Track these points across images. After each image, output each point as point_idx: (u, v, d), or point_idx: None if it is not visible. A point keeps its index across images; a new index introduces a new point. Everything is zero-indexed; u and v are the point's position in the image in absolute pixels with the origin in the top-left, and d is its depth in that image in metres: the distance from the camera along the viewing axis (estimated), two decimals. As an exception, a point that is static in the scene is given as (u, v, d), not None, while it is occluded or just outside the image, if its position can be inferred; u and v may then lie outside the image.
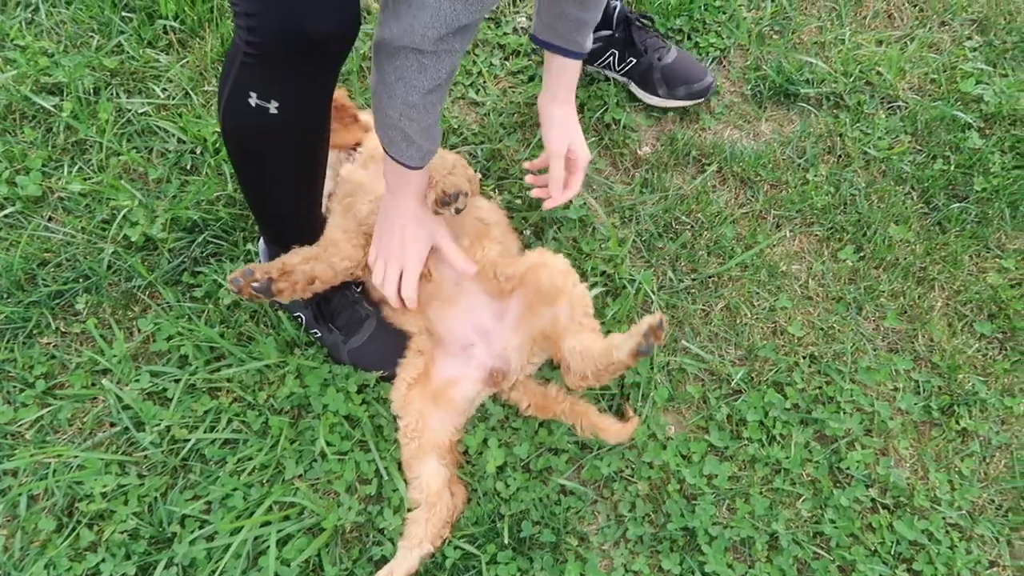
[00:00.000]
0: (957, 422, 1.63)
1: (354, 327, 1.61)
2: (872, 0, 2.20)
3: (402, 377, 1.56)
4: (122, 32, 1.99)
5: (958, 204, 1.87)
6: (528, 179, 1.74)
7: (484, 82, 2.02)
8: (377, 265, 1.53)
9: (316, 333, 1.63)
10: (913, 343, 1.72)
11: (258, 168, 1.35)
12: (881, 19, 2.18)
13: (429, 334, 1.61)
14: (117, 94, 1.91)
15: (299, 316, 1.63)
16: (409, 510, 1.48)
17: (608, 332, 1.65)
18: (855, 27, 2.15)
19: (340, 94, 1.71)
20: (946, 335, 1.73)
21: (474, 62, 2.04)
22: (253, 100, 1.18)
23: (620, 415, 1.60)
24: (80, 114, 1.86)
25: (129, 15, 2.01)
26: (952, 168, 1.91)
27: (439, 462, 1.51)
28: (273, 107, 1.19)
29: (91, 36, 1.99)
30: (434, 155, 1.42)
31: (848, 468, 1.58)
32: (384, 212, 1.50)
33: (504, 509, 1.51)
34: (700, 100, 1.96)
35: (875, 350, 1.71)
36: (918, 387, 1.68)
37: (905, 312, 1.76)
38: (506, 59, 2.06)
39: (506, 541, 1.46)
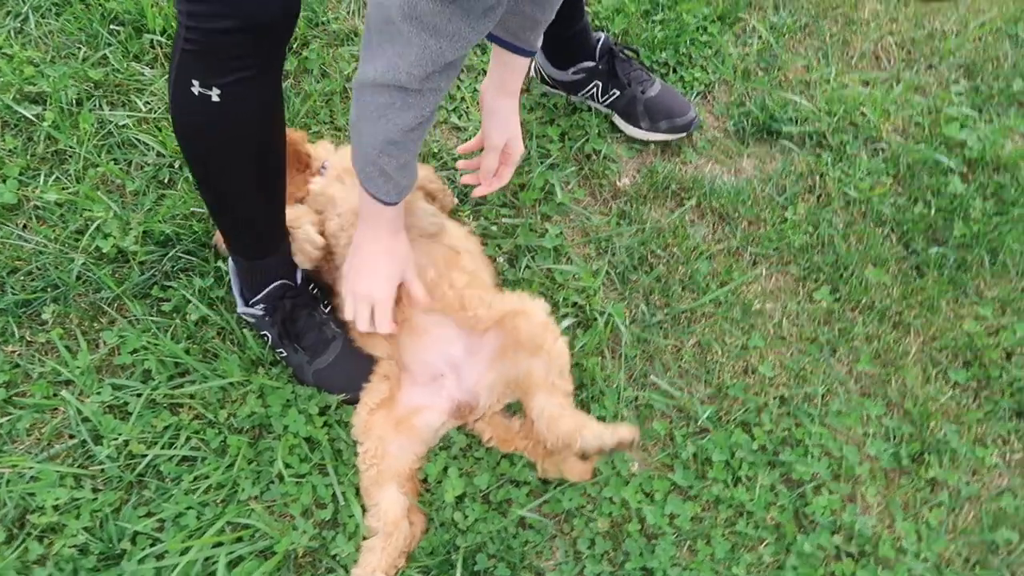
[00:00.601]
0: (927, 471, 1.61)
1: (320, 348, 1.59)
2: (859, 41, 2.20)
3: (365, 402, 1.54)
4: (109, 44, 2.00)
5: (937, 249, 1.85)
6: (460, 164, 1.76)
7: (467, 107, 2.02)
8: (347, 301, 1.52)
9: (282, 352, 1.62)
10: (886, 388, 1.70)
11: (206, 165, 1.35)
12: (868, 60, 2.18)
13: (397, 361, 1.60)
14: (100, 106, 1.92)
15: (265, 334, 1.62)
16: (365, 537, 1.46)
17: (577, 363, 1.65)
18: (841, 67, 2.15)
19: (298, 135, 1.70)
20: (919, 381, 1.71)
21: (459, 87, 2.05)
22: (196, 88, 1.19)
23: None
24: (61, 124, 1.86)
25: (117, 28, 2.02)
26: (933, 212, 1.90)
27: (398, 490, 1.49)
28: (215, 95, 1.19)
29: (78, 47, 2.00)
30: (411, 191, 1.42)
31: (813, 513, 1.55)
32: (357, 245, 1.49)
33: (460, 540, 1.48)
34: (682, 134, 1.95)
35: (847, 393, 1.69)
36: (888, 433, 1.65)
37: (879, 356, 1.74)
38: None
39: (459, 574, 1.44)
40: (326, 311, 1.63)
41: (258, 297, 1.56)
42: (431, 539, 1.48)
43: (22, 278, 1.69)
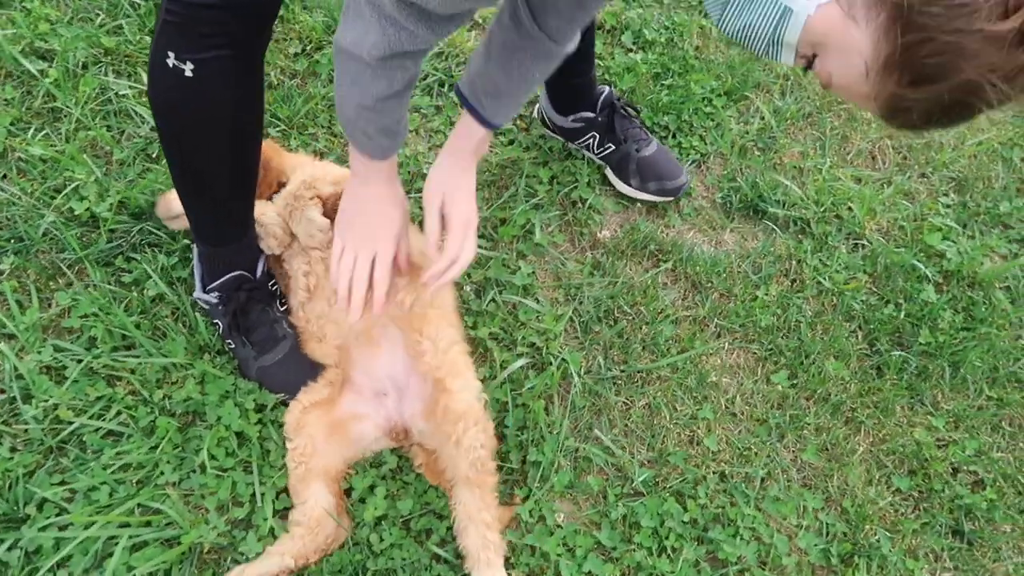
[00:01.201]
0: (854, 573, 1.58)
1: (268, 345, 1.58)
2: (858, 138, 2.23)
3: (300, 400, 1.53)
4: (127, 16, 2.02)
5: (900, 353, 1.85)
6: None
7: (465, 136, 2.03)
8: (344, 259, 1.42)
9: (230, 344, 1.60)
10: (827, 482, 1.68)
11: (179, 142, 1.34)
12: (864, 158, 2.21)
13: (343, 370, 1.58)
14: (106, 72, 1.93)
15: (217, 323, 1.61)
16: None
17: (523, 404, 1.63)
18: (836, 160, 2.17)
19: (269, 145, 1.66)
20: (862, 481, 1.69)
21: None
22: (171, 61, 1.19)
23: (511, 494, 1.55)
24: (63, 84, 1.88)
25: (139, 2, 2.04)
26: (902, 316, 1.90)
27: (326, 490, 1.46)
28: (188, 70, 1.19)
29: (97, 13, 2.02)
30: (396, 150, 1.37)
31: (734, 596, 1.52)
32: (350, 199, 1.42)
33: (371, 563, 1.45)
34: (670, 198, 1.97)
35: (788, 481, 1.67)
36: (823, 528, 1.63)
37: (826, 449, 1.72)
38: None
39: (362, 596, 1.40)
40: (281, 310, 1.62)
41: (214, 284, 1.55)
42: (341, 556, 1.44)
43: (-12, 226, 1.68)
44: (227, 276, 1.54)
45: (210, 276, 1.56)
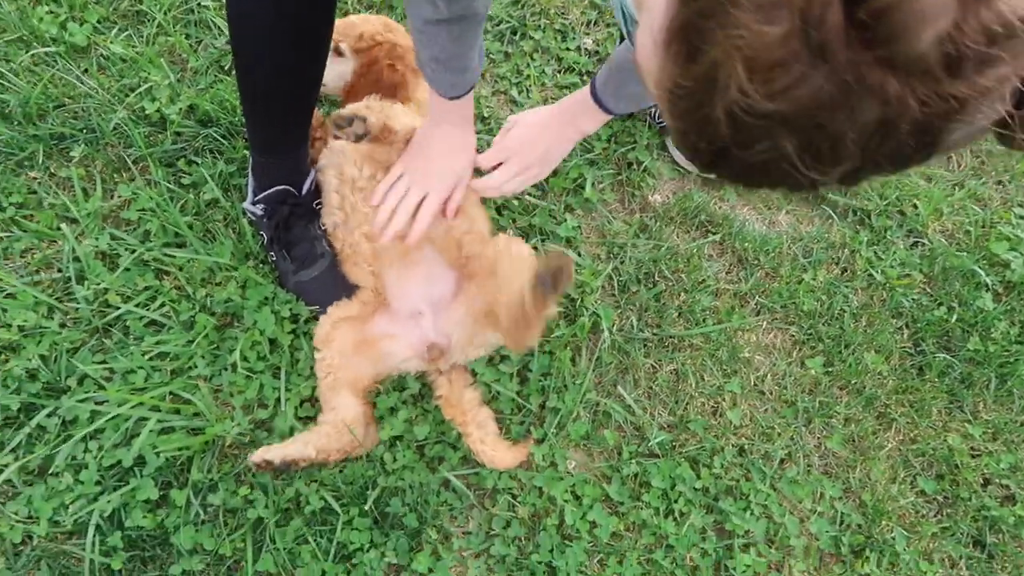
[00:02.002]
0: (863, 566, 1.55)
1: (308, 261, 1.62)
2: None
3: (330, 314, 1.56)
4: (217, -71, 2.07)
5: (946, 356, 1.79)
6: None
7: (530, 86, 2.03)
8: (398, 186, 1.49)
9: (272, 255, 1.65)
10: (849, 473, 1.65)
11: (244, 43, 1.35)
12: (939, 157, 2.13)
13: (377, 294, 1.61)
14: (191, -18, 1.99)
15: (262, 234, 1.65)
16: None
17: (549, 351, 1.64)
18: (909, 156, 2.10)
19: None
20: (885, 477, 1.65)
21: (528, 65, 2.06)
22: None
23: (527, 433, 1.57)
24: (150, -12, 1.94)
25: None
26: (953, 320, 1.84)
27: (355, 400, 1.50)
28: None
29: (190, -75, 2.07)
30: (465, 90, 1.38)
31: (735, 569, 1.51)
32: (421, 134, 1.48)
33: (381, 480, 1.48)
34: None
35: (808, 466, 1.64)
36: (837, 517, 1.60)
37: (853, 441, 1.68)
38: (559, 72, 2.07)
39: (367, 507, 1.44)
40: (322, 228, 1.65)
41: (260, 196, 1.59)
42: (354, 468, 1.48)
43: (65, 114, 1.75)
44: (273, 189, 1.58)
45: (259, 188, 1.61)
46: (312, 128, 1.61)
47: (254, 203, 1.63)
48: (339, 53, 1.66)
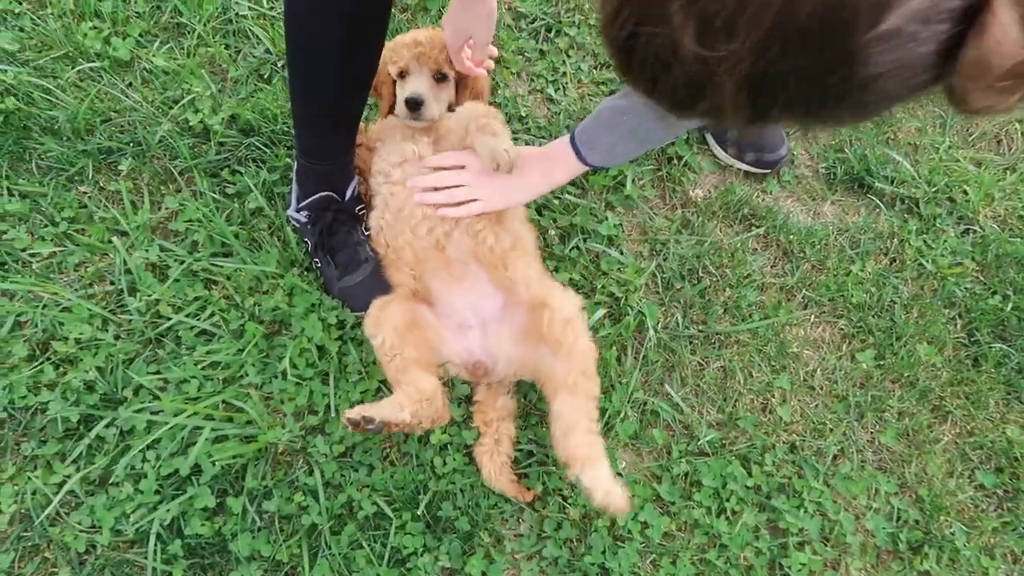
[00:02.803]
0: (922, 562, 1.52)
1: (351, 267, 1.63)
2: (984, 120, 2.09)
3: (376, 302, 1.55)
4: (252, -61, 2.09)
5: (1001, 346, 1.75)
6: None
7: (567, 83, 2.02)
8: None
9: (317, 262, 1.66)
10: (904, 468, 1.62)
11: (297, 45, 1.36)
12: (988, 141, 2.07)
13: (417, 295, 1.60)
14: (228, -8, 2.01)
15: (306, 241, 1.67)
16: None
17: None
18: (957, 141, 2.05)
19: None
20: (942, 472, 1.62)
21: (564, 62, 2.05)
22: None
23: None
24: (189, 1, 1.96)
25: (263, -74, 2.10)
26: (1008, 308, 1.79)
27: (428, 373, 1.48)
28: None
29: (224, -65, 2.09)
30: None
31: (790, 568, 1.49)
32: None
33: (432, 484, 1.49)
34: (766, 171, 1.90)
35: (862, 462, 1.62)
36: (893, 513, 1.57)
37: (907, 435, 1.65)
38: (595, 68, 2.05)
39: (420, 512, 1.45)
40: (365, 234, 1.66)
41: (304, 203, 1.60)
42: (404, 473, 1.49)
43: (111, 128, 1.79)
44: (316, 196, 1.59)
45: (303, 195, 1.62)
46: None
47: (298, 210, 1.64)
48: (443, 79, 1.64)
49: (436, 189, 1.55)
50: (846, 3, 0.52)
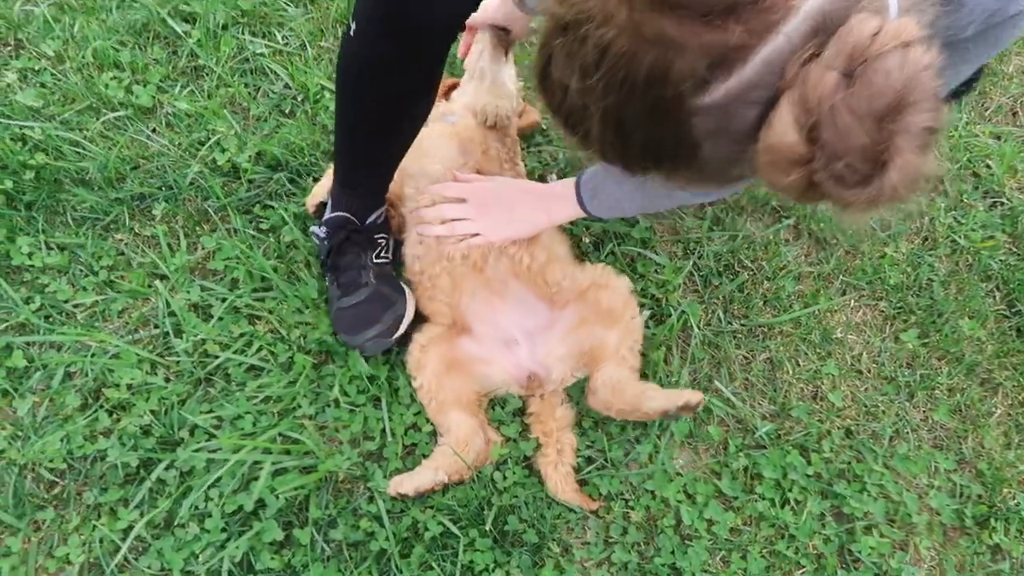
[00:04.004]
0: (991, 536, 1.52)
1: (351, 288, 1.61)
2: (998, 94, 2.11)
3: (417, 340, 1.58)
4: (261, -21, 2.12)
5: (1044, 314, 1.76)
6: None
7: (582, 92, 2.04)
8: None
9: (326, 280, 1.67)
10: (960, 443, 1.62)
11: (343, 87, 1.41)
12: (1004, 115, 2.09)
13: (455, 324, 1.62)
14: (242, 32, 2.04)
15: (321, 258, 1.68)
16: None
17: (642, 353, 1.64)
18: (974, 116, 2.07)
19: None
20: (999, 444, 1.62)
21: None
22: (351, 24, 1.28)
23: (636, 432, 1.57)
24: (205, 43, 1.99)
25: (271, -35, 2.14)
26: (1046, 277, 1.80)
27: (466, 414, 1.51)
28: (352, 28, 1.27)
29: (233, -23, 2.12)
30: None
31: (860, 552, 1.49)
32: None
33: (495, 499, 1.49)
34: None
35: (918, 441, 1.62)
36: (955, 490, 1.57)
37: (959, 410, 1.66)
38: None
39: (488, 528, 1.45)
40: (376, 260, 1.64)
41: (325, 219, 1.61)
42: (466, 491, 1.49)
43: (142, 175, 1.80)
44: (336, 215, 1.60)
45: (329, 212, 1.63)
46: None
47: (319, 226, 1.65)
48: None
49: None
50: (670, 74, 0.65)
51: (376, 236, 1.67)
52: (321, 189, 1.71)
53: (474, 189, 1.61)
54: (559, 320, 1.59)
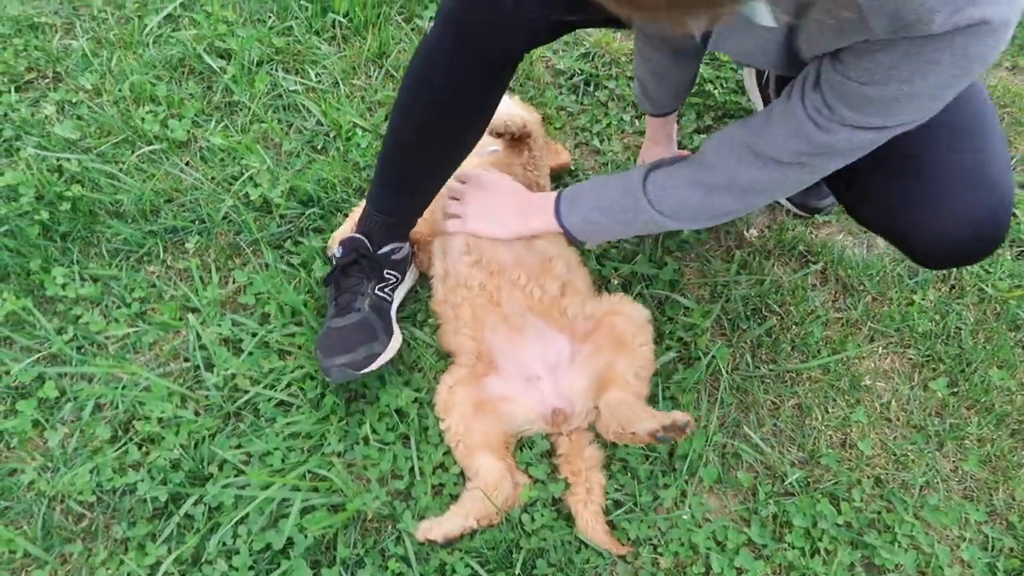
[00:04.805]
0: (1023, 591, 1.50)
1: (343, 311, 1.61)
2: (1023, 144, 2.13)
3: (444, 380, 1.59)
4: (296, 18, 2.16)
5: (1072, 365, 1.75)
6: None
7: (611, 134, 2.07)
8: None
9: (327, 296, 1.69)
10: (991, 495, 1.61)
11: (396, 110, 1.47)
12: (1029, 164, 2.11)
13: (480, 358, 1.62)
14: (276, 69, 2.07)
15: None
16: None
17: (672, 397, 1.64)
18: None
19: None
20: (1030, 497, 1.61)
21: (606, 114, 2.10)
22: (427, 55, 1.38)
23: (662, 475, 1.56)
24: (239, 79, 2.02)
25: (306, 4, 2.18)
26: (1074, 327, 1.80)
27: (493, 457, 1.51)
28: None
29: (268, 15, 2.17)
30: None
31: (890, 605, 1.48)
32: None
33: (524, 542, 1.48)
34: (808, 216, 1.93)
35: (948, 492, 1.61)
36: (987, 542, 1.56)
37: (989, 461, 1.64)
38: (637, 118, 2.10)
39: (516, 572, 1.44)
40: (377, 290, 1.64)
41: (346, 237, 1.63)
42: (495, 534, 1.48)
43: (176, 208, 1.83)
44: (354, 235, 1.62)
45: (355, 229, 1.65)
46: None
47: (341, 243, 1.66)
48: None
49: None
50: None
51: (386, 270, 1.67)
52: (341, 233, 1.73)
53: (478, 177, 1.66)
54: (580, 352, 1.59)
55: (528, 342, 1.61)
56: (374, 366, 1.56)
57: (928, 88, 1.03)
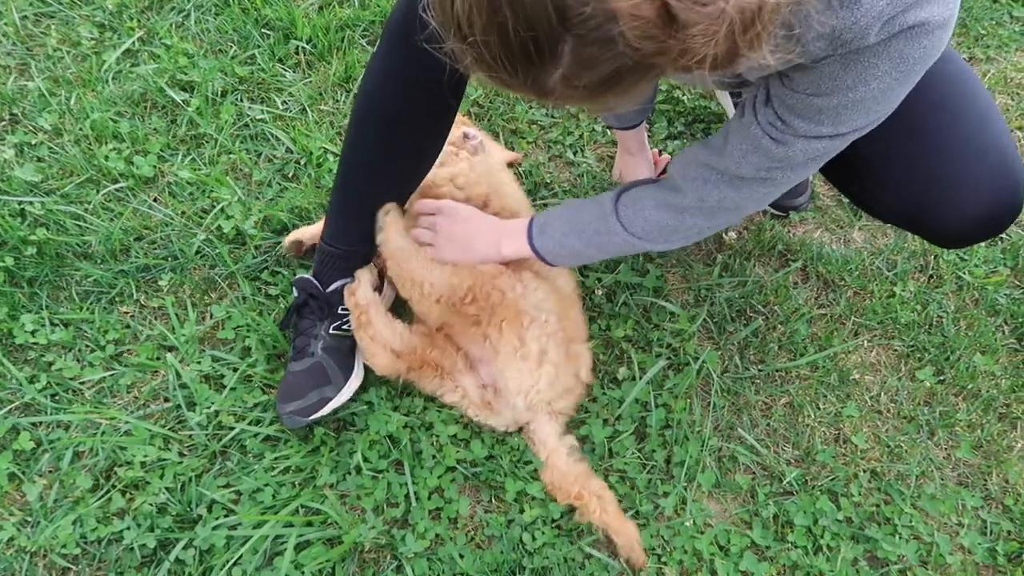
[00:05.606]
0: (1023, 572, 1.51)
1: (299, 355, 1.59)
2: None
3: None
4: (258, 46, 2.14)
5: (1053, 346, 1.78)
6: None
7: (583, 145, 2.07)
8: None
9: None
10: (985, 480, 1.62)
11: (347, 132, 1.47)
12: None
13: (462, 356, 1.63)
14: (241, 99, 2.04)
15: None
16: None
17: (664, 404, 1.63)
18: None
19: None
20: (1023, 479, 1.62)
21: (577, 125, 2.10)
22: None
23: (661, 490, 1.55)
24: (204, 111, 1.99)
25: (268, 32, 2.16)
26: (1050, 308, 1.83)
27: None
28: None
29: (230, 45, 2.14)
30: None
31: (897, 597, 1.47)
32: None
33: (526, 562, 1.46)
34: (783, 215, 1.94)
35: (943, 479, 1.61)
36: (985, 527, 1.56)
37: (981, 446, 1.66)
38: (609, 128, 2.10)
39: (522, 594, 1.41)
40: (333, 329, 1.60)
41: (297, 278, 1.61)
42: (496, 555, 1.46)
43: (146, 245, 1.78)
44: (300, 276, 1.60)
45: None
46: None
47: (293, 283, 1.63)
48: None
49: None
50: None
51: (340, 307, 1.62)
52: (303, 232, 1.73)
53: (451, 206, 1.62)
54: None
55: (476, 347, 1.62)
56: (324, 411, 1.54)
57: (872, 93, 1.05)
